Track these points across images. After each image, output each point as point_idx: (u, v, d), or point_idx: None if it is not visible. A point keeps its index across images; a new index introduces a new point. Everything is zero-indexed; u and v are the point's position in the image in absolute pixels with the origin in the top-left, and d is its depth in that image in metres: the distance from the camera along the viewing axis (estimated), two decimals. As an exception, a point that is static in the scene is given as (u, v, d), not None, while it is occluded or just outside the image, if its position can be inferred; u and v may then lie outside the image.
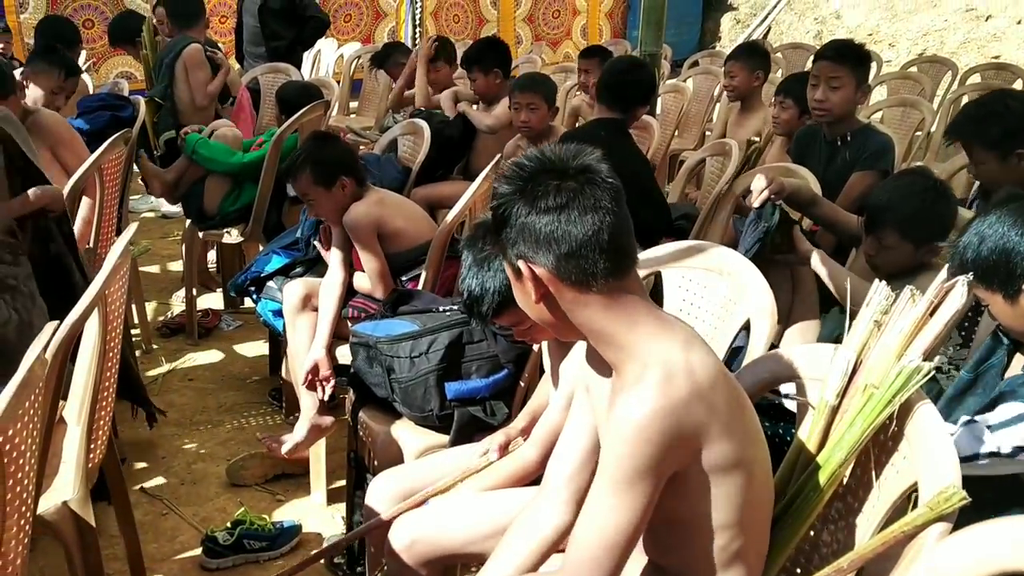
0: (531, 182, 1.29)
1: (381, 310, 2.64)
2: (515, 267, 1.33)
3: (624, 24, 12.04)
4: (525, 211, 1.28)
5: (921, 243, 2.27)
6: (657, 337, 1.30)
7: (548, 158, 1.31)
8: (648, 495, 1.25)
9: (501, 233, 1.33)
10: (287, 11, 5.55)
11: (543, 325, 1.39)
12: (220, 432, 3.21)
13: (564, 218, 1.26)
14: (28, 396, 1.46)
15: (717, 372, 1.29)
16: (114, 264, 1.96)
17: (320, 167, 2.75)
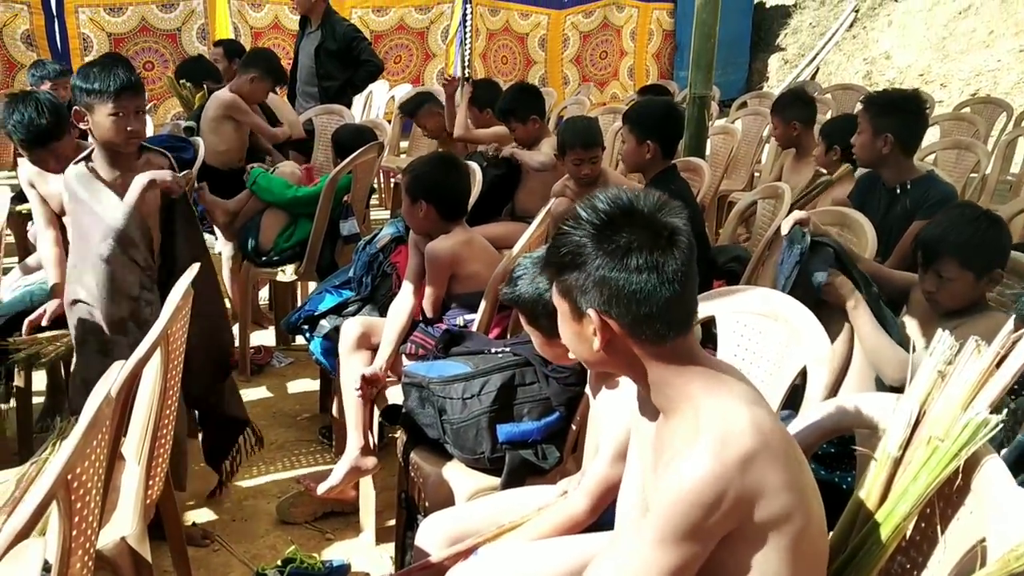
0: (611, 230, 1.28)
1: (435, 350, 2.65)
2: (579, 311, 1.32)
3: (671, 65, 12.09)
4: (607, 264, 1.27)
5: (982, 271, 2.25)
6: (712, 391, 1.29)
7: (631, 206, 1.30)
8: (692, 556, 1.23)
9: (566, 275, 1.32)
10: (343, 53, 5.69)
11: (586, 362, 1.40)
12: (271, 469, 3.24)
13: (652, 281, 1.26)
14: (96, 435, 1.50)
15: (771, 430, 1.26)
16: (177, 304, 2.00)
17: (415, 181, 2.87)
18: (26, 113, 3.07)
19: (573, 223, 1.32)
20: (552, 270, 1.37)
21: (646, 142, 3.31)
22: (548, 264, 1.38)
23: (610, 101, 11.07)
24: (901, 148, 3.11)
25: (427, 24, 9.80)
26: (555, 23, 10.80)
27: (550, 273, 1.39)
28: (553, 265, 1.35)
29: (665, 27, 11.91)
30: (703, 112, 4.77)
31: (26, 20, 7.92)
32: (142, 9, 8.22)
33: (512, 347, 2.40)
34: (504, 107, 4.44)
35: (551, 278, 1.39)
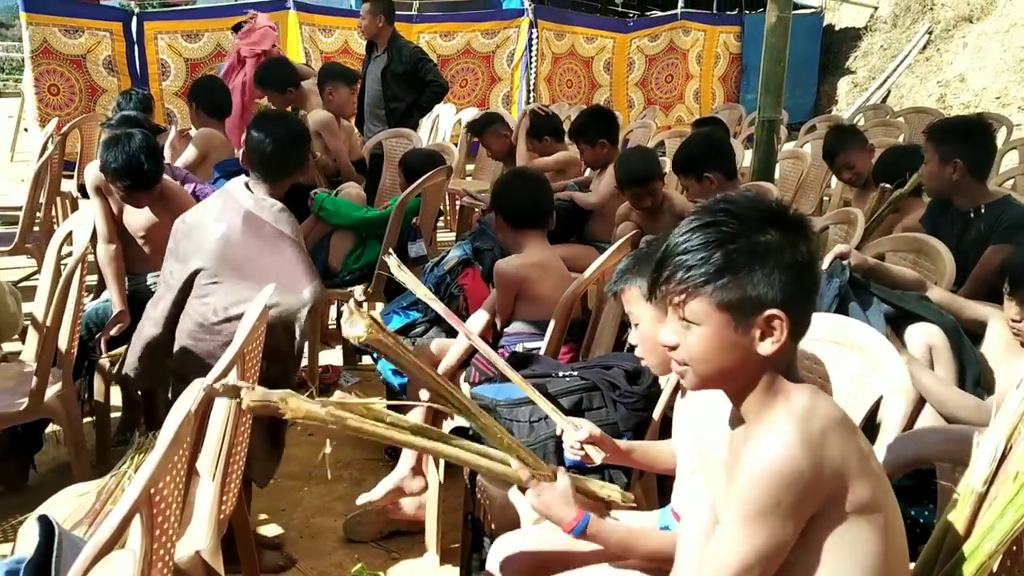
0: (762, 227, 1.26)
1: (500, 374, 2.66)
2: (746, 316, 1.26)
3: (737, 88, 12.02)
4: (784, 261, 1.25)
5: None
6: (798, 386, 1.30)
7: (769, 203, 1.32)
8: (780, 534, 1.21)
9: (733, 276, 1.25)
10: (409, 75, 5.79)
11: (709, 373, 1.32)
12: (338, 487, 3.28)
13: (811, 275, 1.29)
14: (177, 451, 1.54)
15: (850, 419, 1.28)
16: (253, 323, 2.05)
17: (492, 195, 3.01)
18: (124, 156, 3.12)
19: (728, 220, 1.27)
20: (708, 277, 1.27)
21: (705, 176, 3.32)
22: (703, 271, 1.27)
23: (675, 124, 11.04)
24: (971, 173, 3.04)
25: (493, 48, 9.92)
26: (620, 47, 10.83)
27: (703, 279, 1.27)
28: (713, 271, 1.26)
29: (732, 50, 11.85)
30: (772, 136, 4.74)
31: (108, 47, 8.24)
32: (217, 35, 8.48)
33: (580, 371, 2.40)
34: (574, 129, 4.50)
35: (695, 288, 1.28)
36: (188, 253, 2.72)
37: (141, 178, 3.14)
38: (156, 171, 3.17)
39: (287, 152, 2.78)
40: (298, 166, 2.83)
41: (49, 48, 7.99)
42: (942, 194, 3.16)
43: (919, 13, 12.88)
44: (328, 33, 8.93)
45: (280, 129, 2.80)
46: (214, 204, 2.79)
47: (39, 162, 4.96)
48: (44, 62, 8.01)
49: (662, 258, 1.32)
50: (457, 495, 2.93)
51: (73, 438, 2.87)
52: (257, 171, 2.78)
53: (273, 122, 2.88)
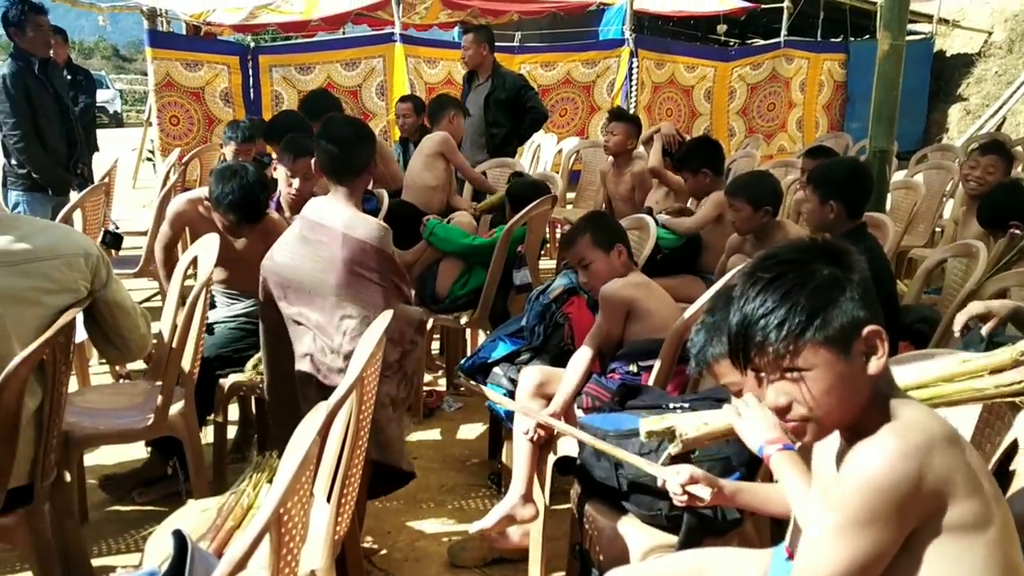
0: (813, 266, 1.35)
1: (610, 403, 2.66)
2: (846, 345, 1.31)
3: (842, 116, 11.76)
4: (846, 283, 1.33)
5: None
6: (903, 401, 1.34)
7: (802, 243, 1.42)
8: (879, 543, 1.21)
9: (831, 310, 1.31)
10: (511, 102, 5.91)
11: (831, 414, 1.33)
12: (442, 511, 3.32)
13: (873, 289, 1.35)
14: (305, 472, 1.59)
15: (958, 435, 1.27)
16: (372, 349, 2.11)
17: (602, 232, 2.99)
18: (240, 190, 3.28)
19: (787, 269, 1.34)
20: (805, 323, 1.31)
21: (828, 202, 3.25)
22: (798, 319, 1.31)
23: (777, 154, 10.86)
24: None
25: (593, 78, 9.97)
26: (722, 75, 10.74)
27: (801, 326, 1.31)
28: (806, 315, 1.31)
29: (836, 78, 11.62)
30: (884, 166, 4.62)
31: (225, 79, 8.62)
32: (328, 68, 8.79)
33: (691, 403, 2.38)
34: (679, 157, 4.49)
35: (797, 339, 1.31)
36: (308, 290, 2.80)
37: (253, 211, 3.29)
38: (266, 204, 3.32)
39: (350, 152, 2.82)
40: (365, 165, 2.85)
41: (171, 81, 8.41)
42: None
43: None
44: (432, 65, 9.13)
45: (344, 130, 2.88)
46: (300, 236, 2.87)
47: (163, 190, 5.21)
48: (166, 94, 8.43)
49: (744, 331, 1.35)
50: (561, 524, 2.92)
51: (193, 455, 2.98)
52: (329, 177, 2.86)
53: (336, 125, 2.95)
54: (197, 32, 10.13)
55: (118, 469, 3.52)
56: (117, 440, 3.08)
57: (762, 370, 1.36)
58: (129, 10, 9.08)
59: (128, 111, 26.33)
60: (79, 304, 2.38)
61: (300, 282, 2.80)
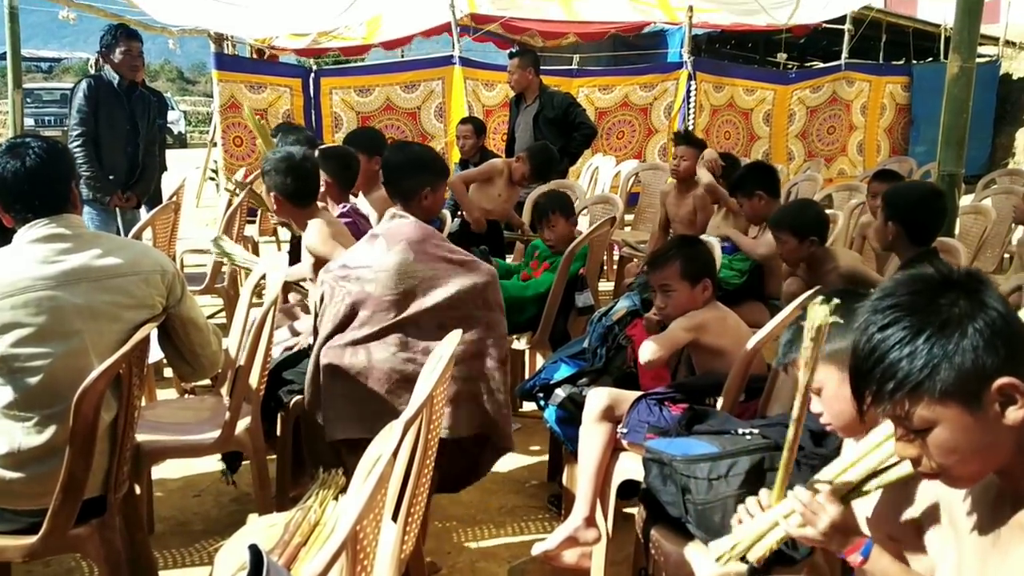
0: (936, 303, 1.20)
1: (676, 428, 2.63)
2: (977, 397, 1.17)
3: (904, 140, 11.57)
4: (974, 326, 1.17)
5: None
6: None
7: (928, 276, 1.24)
8: None
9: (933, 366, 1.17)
10: (560, 120, 5.95)
11: (967, 468, 1.23)
12: (502, 533, 3.31)
13: (1015, 320, 1.20)
14: (381, 490, 1.60)
15: None
16: (443, 368, 2.11)
17: (693, 263, 2.93)
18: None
19: (907, 310, 1.21)
20: (917, 379, 1.18)
21: (888, 223, 3.22)
22: (909, 376, 1.19)
23: (837, 177, 10.72)
24: None
25: (651, 100, 9.96)
26: (781, 98, 10.65)
27: (914, 381, 1.18)
28: (918, 370, 1.18)
29: (899, 101, 11.45)
30: (953, 190, 4.51)
31: (288, 101, 8.80)
32: (387, 90, 8.92)
33: (761, 429, 2.34)
34: (734, 181, 4.46)
35: (912, 396, 1.19)
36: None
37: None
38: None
39: (402, 174, 3.04)
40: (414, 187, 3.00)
41: (236, 103, 8.60)
42: None
43: (1108, 60, 12.09)
44: (490, 87, 9.21)
45: (398, 155, 3.15)
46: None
47: (229, 209, 5.32)
48: (231, 115, 8.63)
49: (860, 377, 1.25)
50: (622, 548, 2.90)
51: (258, 471, 3.02)
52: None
53: (394, 150, 3.26)
54: (261, 55, 10.38)
55: (183, 483, 3.58)
56: (185, 454, 3.13)
57: (882, 414, 1.26)
58: (198, 34, 9.34)
59: (191, 132, 27.00)
60: (155, 320, 2.44)
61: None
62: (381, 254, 2.85)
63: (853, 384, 1.28)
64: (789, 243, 3.63)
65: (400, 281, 2.81)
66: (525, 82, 6.05)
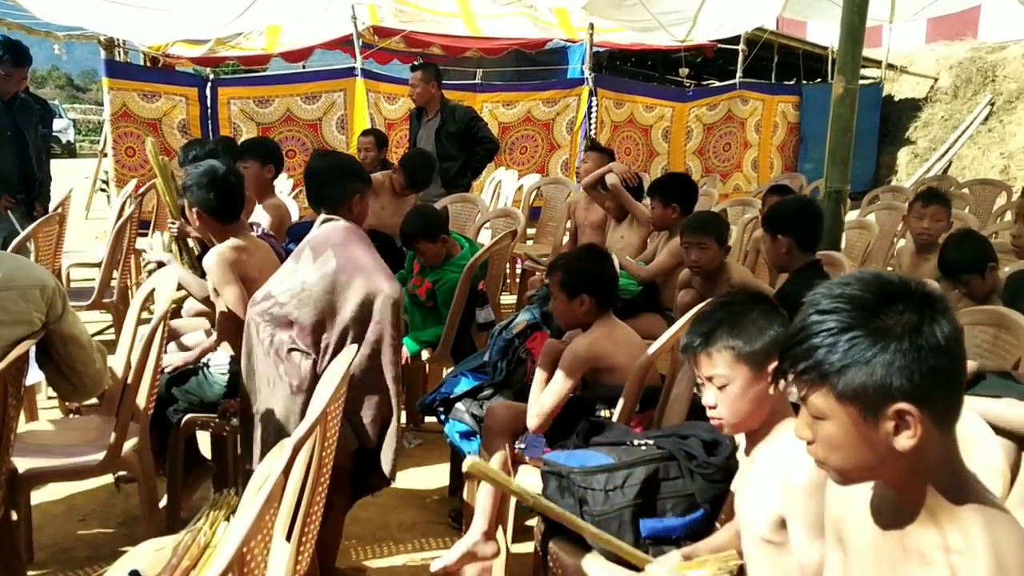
0: (886, 309, 1.18)
1: (574, 440, 2.65)
2: (874, 411, 1.18)
3: (795, 157, 12.01)
4: (907, 347, 1.15)
5: None
6: (981, 497, 1.21)
7: (888, 281, 1.22)
8: None
9: (852, 370, 1.17)
10: (462, 134, 5.95)
11: (847, 467, 1.25)
12: (402, 550, 3.27)
13: (953, 355, 1.17)
14: (269, 511, 1.55)
15: None
16: (337, 385, 2.08)
17: (571, 275, 2.90)
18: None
19: (846, 305, 1.20)
20: (826, 371, 1.19)
21: (778, 237, 3.34)
22: (820, 365, 1.20)
23: (732, 193, 11.04)
24: None
25: (553, 116, 10.06)
26: (679, 115, 10.92)
27: (821, 372, 1.20)
28: (830, 364, 1.19)
29: (790, 119, 11.88)
30: (839, 206, 4.70)
31: (183, 111, 8.55)
32: (288, 101, 8.76)
33: (656, 440, 2.38)
34: (654, 185, 4.54)
35: (817, 382, 1.21)
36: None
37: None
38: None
39: (329, 182, 2.93)
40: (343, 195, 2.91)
41: (128, 112, 8.32)
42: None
43: (980, 85, 12.81)
44: (393, 100, 9.16)
45: (322, 163, 3.02)
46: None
47: (119, 222, 5.13)
48: (122, 125, 8.33)
49: (784, 350, 1.26)
50: (524, 562, 2.90)
51: (147, 493, 2.91)
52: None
53: (318, 158, 3.12)
54: (155, 63, 10.06)
55: (67, 507, 3.42)
56: (68, 477, 2.99)
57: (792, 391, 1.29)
58: (86, 39, 8.98)
59: (81, 141, 26.00)
60: (33, 336, 2.32)
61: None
62: (307, 271, 2.78)
63: (784, 352, 1.27)
64: (712, 249, 3.70)
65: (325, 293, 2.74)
66: (428, 95, 6.04)
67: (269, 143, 5.06)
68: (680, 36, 8.73)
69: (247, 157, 4.47)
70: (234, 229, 3.31)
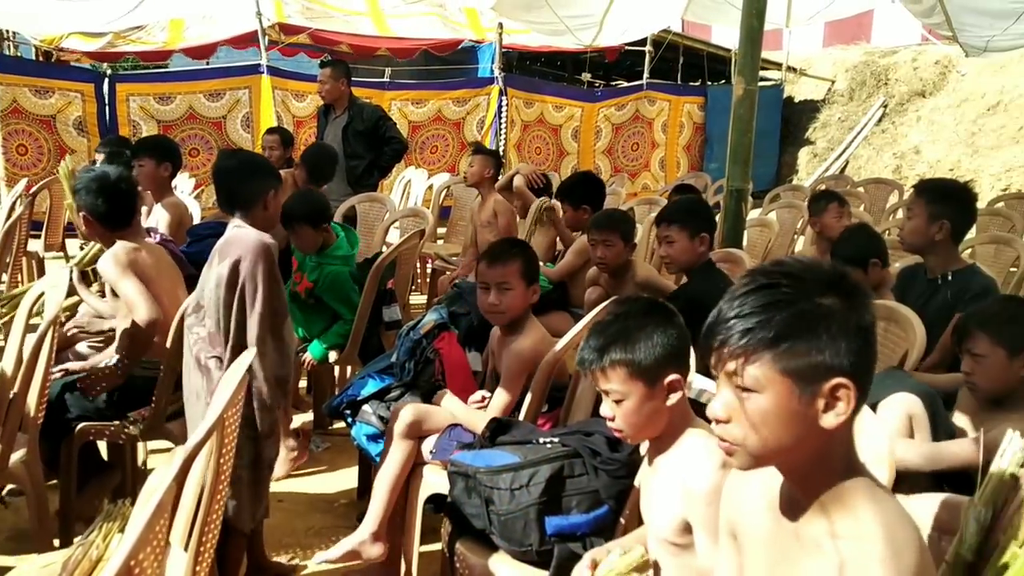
0: (817, 292, 1.20)
1: (480, 440, 2.64)
2: (811, 386, 1.18)
3: (701, 157, 12.28)
4: (848, 324, 1.18)
5: (1014, 348, 2.24)
6: (870, 485, 1.24)
7: (820, 266, 1.24)
8: None
9: (797, 343, 1.18)
10: (370, 133, 5.88)
11: (766, 448, 1.23)
12: (308, 555, 3.20)
13: (872, 340, 1.21)
14: (158, 522, 1.50)
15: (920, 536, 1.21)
16: (235, 388, 2.02)
17: (530, 265, 2.88)
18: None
19: (788, 282, 1.21)
20: (769, 341, 1.19)
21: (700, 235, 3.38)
22: (763, 334, 1.19)
23: (641, 192, 11.22)
24: (953, 236, 3.12)
25: (463, 115, 10.06)
26: (588, 115, 11.04)
27: (764, 341, 1.19)
28: (774, 334, 1.19)
29: (696, 120, 12.14)
30: (740, 205, 4.81)
31: (79, 107, 8.24)
32: (190, 98, 8.53)
33: (561, 437, 2.39)
34: (562, 188, 4.57)
35: (757, 353, 1.20)
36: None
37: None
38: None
39: (240, 180, 2.87)
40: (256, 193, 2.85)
41: (19, 108, 7.97)
42: (919, 251, 3.22)
43: (874, 88, 13.33)
44: (301, 98, 9.01)
45: (232, 161, 2.94)
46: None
47: (7, 222, 4.91)
48: (13, 122, 7.99)
49: (715, 323, 1.24)
50: (433, 563, 2.88)
51: (37, 506, 2.79)
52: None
53: (227, 156, 3.01)
54: (48, 58, 9.67)
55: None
56: (-53, 491, 2.85)
57: (716, 372, 1.26)
58: (-28, 33, 8.58)
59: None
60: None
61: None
62: (212, 274, 2.72)
63: (708, 331, 1.26)
64: (617, 246, 3.74)
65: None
66: (336, 92, 5.96)
67: (165, 140, 4.93)
68: (587, 41, 8.82)
69: (142, 155, 4.35)
70: (124, 235, 3.21)
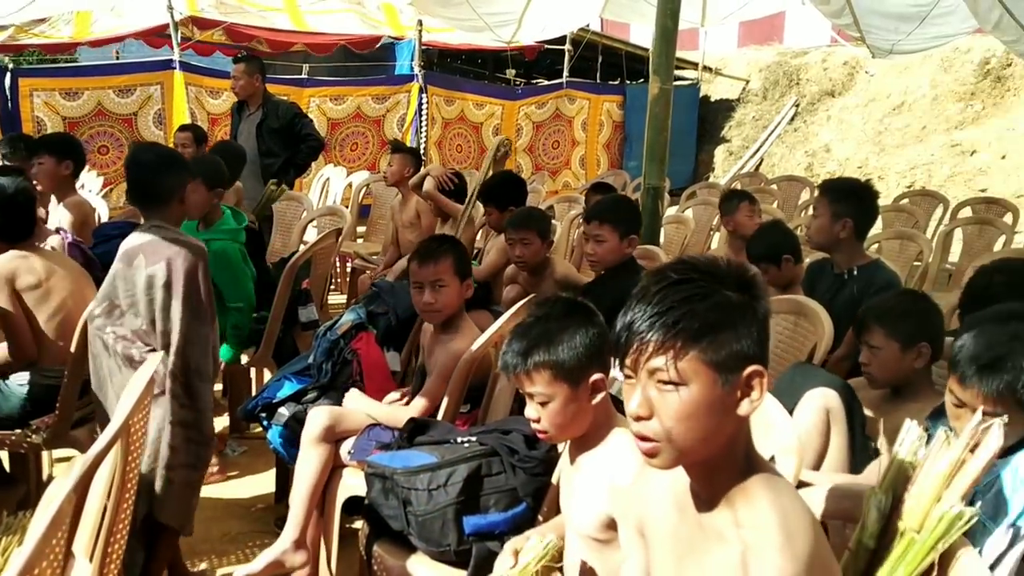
0: (726, 285, 1.25)
1: (398, 440, 2.62)
2: (730, 375, 1.22)
3: (621, 155, 12.42)
4: (757, 316, 1.25)
5: (907, 341, 2.32)
6: (769, 477, 1.27)
7: (727, 267, 1.29)
8: None
9: (717, 336, 1.22)
10: (285, 130, 5.78)
11: (689, 441, 1.24)
12: (224, 562, 3.14)
13: (768, 327, 1.27)
14: (56, 533, 1.45)
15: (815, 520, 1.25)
16: (139, 395, 1.96)
17: (462, 261, 2.86)
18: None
19: (701, 278, 1.25)
20: (695, 333, 1.22)
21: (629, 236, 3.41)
22: (688, 327, 1.22)
23: (562, 190, 11.30)
24: (856, 233, 3.22)
25: (383, 112, 9.97)
26: (509, 113, 11.06)
27: (692, 334, 1.22)
28: (698, 326, 1.22)
29: (615, 118, 12.27)
30: (657, 202, 4.88)
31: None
32: (99, 94, 8.24)
33: (479, 436, 2.39)
34: (485, 191, 4.55)
35: (684, 346, 1.22)
36: None
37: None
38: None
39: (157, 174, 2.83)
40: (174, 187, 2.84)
41: (-90, 103, 7.60)
42: (826, 249, 3.33)
43: (786, 87, 13.68)
44: (216, 95, 8.80)
45: (148, 154, 2.89)
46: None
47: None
48: (-96, 118, 7.61)
49: (632, 323, 1.25)
50: (351, 567, 2.85)
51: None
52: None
53: (143, 150, 2.96)
54: (-56, 51, 9.26)
55: None
56: None
57: (635, 371, 1.26)
58: None
59: None
60: None
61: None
62: (139, 274, 2.67)
63: (623, 334, 1.27)
64: (534, 244, 3.75)
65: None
66: (251, 89, 5.83)
67: (67, 137, 4.76)
68: (506, 38, 8.83)
69: (42, 152, 4.19)
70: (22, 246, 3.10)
